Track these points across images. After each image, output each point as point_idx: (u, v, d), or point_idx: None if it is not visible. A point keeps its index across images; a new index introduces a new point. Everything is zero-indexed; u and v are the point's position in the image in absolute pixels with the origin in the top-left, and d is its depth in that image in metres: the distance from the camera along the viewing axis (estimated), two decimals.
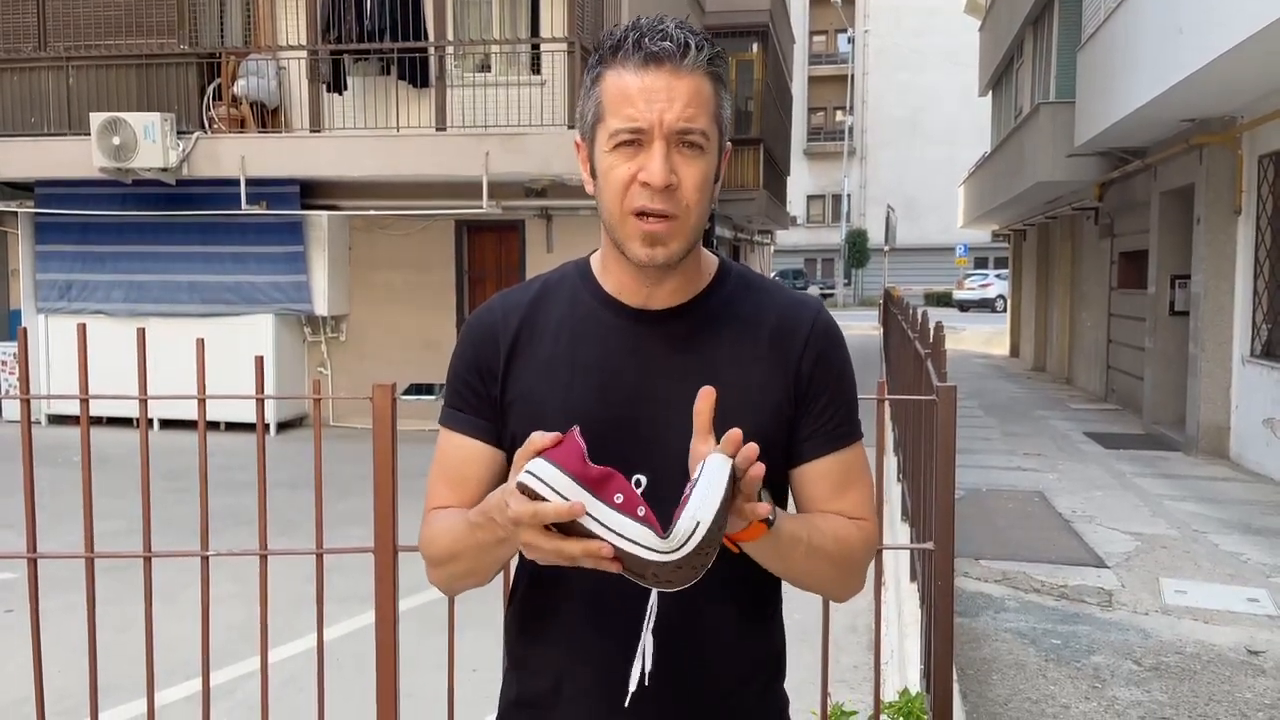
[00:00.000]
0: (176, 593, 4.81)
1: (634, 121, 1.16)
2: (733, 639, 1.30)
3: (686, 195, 1.19)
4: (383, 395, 2.28)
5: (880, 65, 45.14)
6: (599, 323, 1.29)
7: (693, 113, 1.17)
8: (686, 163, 1.18)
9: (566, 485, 1.03)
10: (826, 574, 1.28)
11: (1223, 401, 9.33)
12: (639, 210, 1.18)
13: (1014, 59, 17.34)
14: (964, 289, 38.40)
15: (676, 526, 1.01)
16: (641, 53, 1.16)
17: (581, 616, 1.28)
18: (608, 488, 1.04)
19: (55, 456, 7.97)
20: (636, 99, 1.16)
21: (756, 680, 1.34)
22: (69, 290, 11.47)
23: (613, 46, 1.19)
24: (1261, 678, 4.36)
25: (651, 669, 1.24)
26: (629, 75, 1.17)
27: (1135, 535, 6.66)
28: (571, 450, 1.05)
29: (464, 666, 2.68)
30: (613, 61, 1.19)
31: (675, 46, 1.16)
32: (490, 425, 1.30)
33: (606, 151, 1.19)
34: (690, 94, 1.17)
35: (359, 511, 3.02)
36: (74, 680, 3.44)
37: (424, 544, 1.31)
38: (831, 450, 1.30)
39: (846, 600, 1.38)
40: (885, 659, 4.31)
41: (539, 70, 10.40)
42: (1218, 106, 8.88)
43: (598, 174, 1.22)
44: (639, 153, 1.17)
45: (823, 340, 1.31)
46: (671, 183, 1.17)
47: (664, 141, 1.16)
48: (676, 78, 1.16)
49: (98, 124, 9.98)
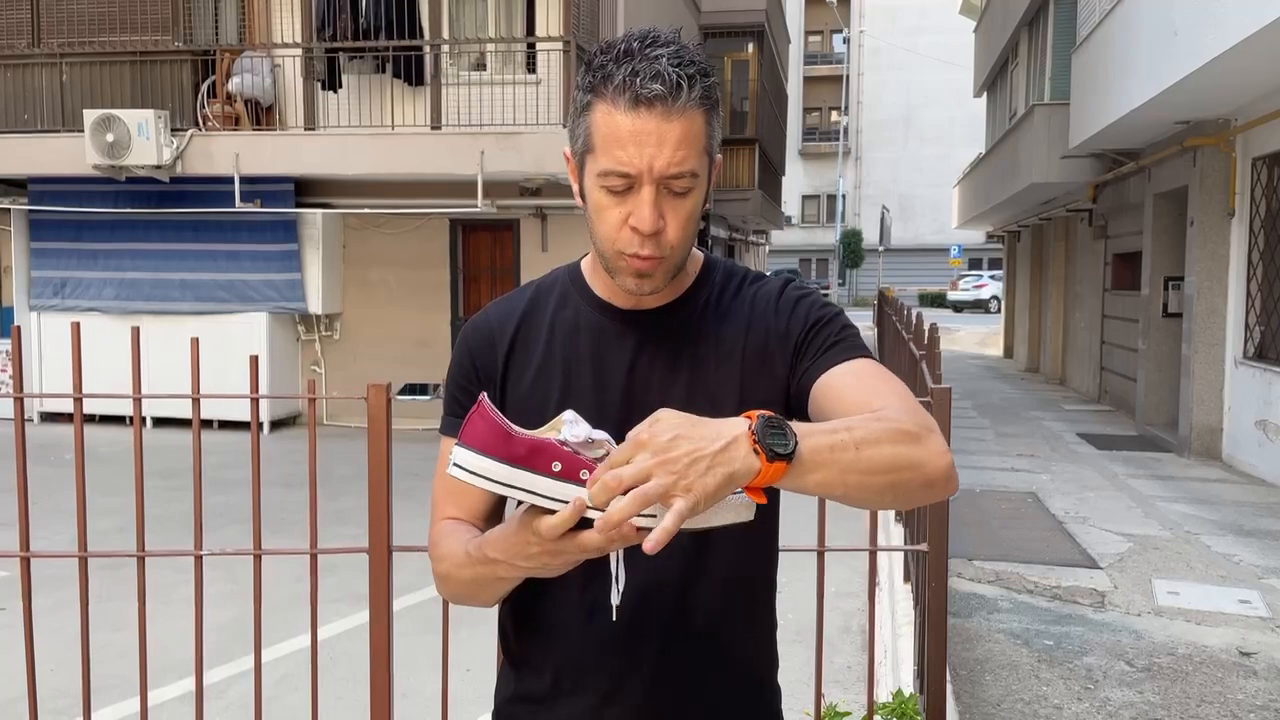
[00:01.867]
0: (170, 591, 4.79)
1: (624, 166, 1.16)
2: (726, 634, 1.32)
3: (671, 237, 1.20)
4: (378, 395, 2.27)
5: (875, 65, 45.19)
6: (592, 325, 1.32)
7: (683, 155, 1.16)
8: (674, 205, 1.19)
9: (495, 469, 1.00)
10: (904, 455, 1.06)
11: (1215, 403, 9.36)
12: (630, 252, 1.21)
13: (1009, 60, 17.37)
14: (958, 290, 38.48)
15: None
16: (632, 93, 1.15)
17: (575, 607, 1.29)
18: (540, 459, 1.00)
19: (47, 455, 7.95)
20: (627, 142, 1.15)
21: (751, 669, 1.36)
22: (63, 287, 11.44)
23: (604, 77, 1.17)
24: (1253, 679, 4.38)
25: (649, 671, 1.26)
26: (619, 115, 1.16)
27: (1128, 536, 6.67)
28: (491, 430, 1.01)
29: (458, 666, 2.68)
30: (604, 94, 1.17)
31: (667, 89, 1.14)
32: None
33: (596, 187, 1.20)
34: (680, 137, 1.16)
35: (352, 510, 3.03)
36: (67, 679, 3.42)
37: (433, 560, 1.30)
38: (842, 360, 1.24)
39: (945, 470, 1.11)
40: (879, 659, 4.32)
41: (534, 69, 10.39)
42: (1212, 109, 8.91)
43: (588, 203, 1.24)
44: (629, 196, 1.18)
45: (793, 297, 1.32)
46: (659, 228, 1.18)
47: (653, 187, 1.17)
48: (667, 121, 1.15)
49: (91, 121, 9.95)
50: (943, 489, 1.12)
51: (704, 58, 1.21)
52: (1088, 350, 14.59)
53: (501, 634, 1.40)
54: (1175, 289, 10.66)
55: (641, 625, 1.26)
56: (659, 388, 1.28)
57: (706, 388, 1.28)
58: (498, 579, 1.17)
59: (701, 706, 1.30)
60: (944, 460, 1.11)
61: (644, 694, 1.28)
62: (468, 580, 1.21)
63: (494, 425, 1.02)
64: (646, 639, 1.27)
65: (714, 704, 1.31)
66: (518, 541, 1.07)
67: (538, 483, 1.00)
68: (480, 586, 1.21)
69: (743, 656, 1.34)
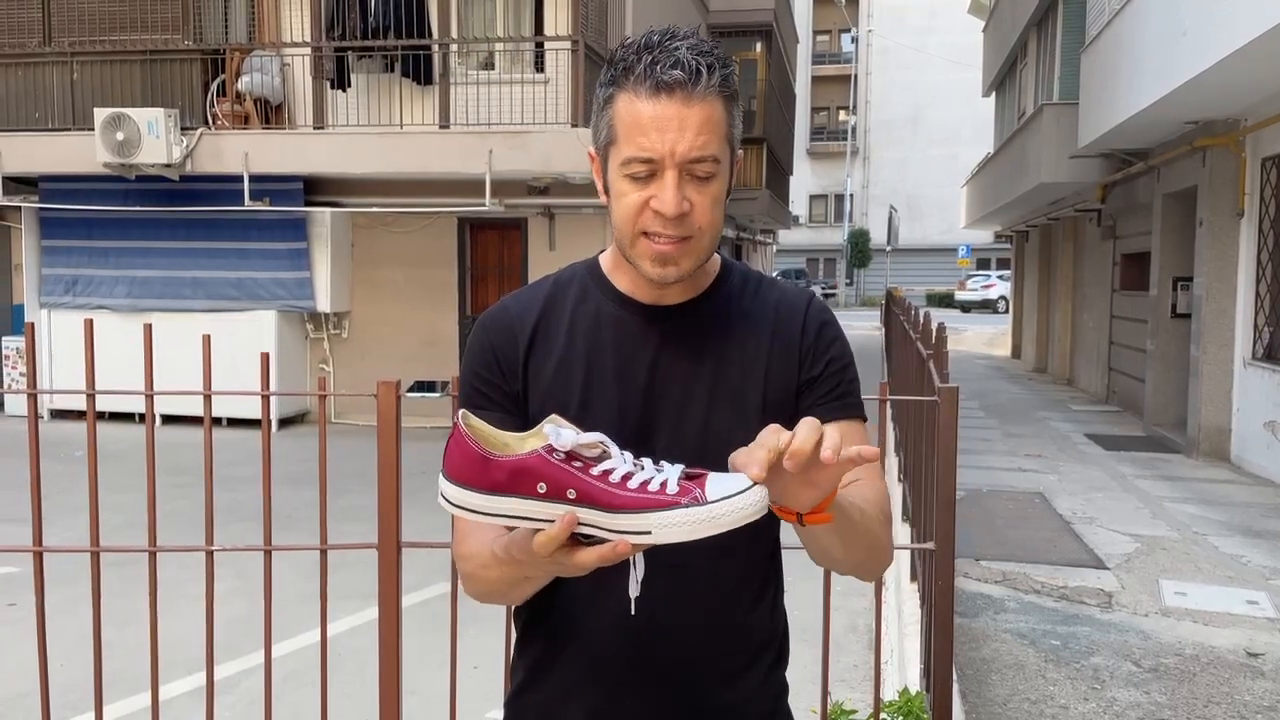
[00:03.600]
0: (178, 589, 4.81)
1: (646, 151, 1.17)
2: (735, 621, 1.32)
3: (700, 218, 1.21)
4: (387, 392, 2.29)
5: (883, 65, 45.11)
6: (613, 319, 1.31)
7: (705, 140, 1.18)
8: (699, 189, 1.20)
9: (474, 500, 0.99)
10: (877, 542, 1.25)
11: (1224, 404, 9.33)
12: (649, 232, 1.21)
13: (1017, 60, 17.33)
14: (966, 290, 38.39)
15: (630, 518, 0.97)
16: (653, 80, 1.16)
17: (585, 600, 1.29)
18: (524, 481, 0.98)
19: (57, 452, 7.98)
20: (649, 128, 1.17)
21: (759, 663, 1.36)
22: (74, 285, 11.50)
23: (625, 68, 1.19)
24: (1261, 680, 4.37)
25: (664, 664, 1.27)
26: (641, 103, 1.18)
27: (1135, 537, 6.66)
28: (466, 457, 0.99)
29: (467, 663, 2.69)
30: (625, 84, 1.19)
31: (687, 75, 1.16)
32: (518, 420, 1.29)
33: (620, 176, 1.21)
34: (701, 122, 1.17)
35: (360, 508, 3.04)
36: (77, 674, 3.45)
37: (458, 559, 1.29)
38: (838, 419, 1.28)
39: (882, 573, 1.39)
40: (885, 658, 4.32)
41: (543, 68, 10.41)
42: (1221, 109, 8.88)
43: (611, 193, 1.25)
44: (652, 181, 1.19)
45: (818, 322, 1.34)
46: (684, 210, 1.19)
47: (676, 171, 1.18)
48: (688, 106, 1.17)
49: (102, 119, 9.99)
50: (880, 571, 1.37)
51: (722, 51, 1.22)
52: (1096, 351, 14.56)
53: (517, 627, 1.40)
54: (1184, 290, 10.63)
55: (656, 618, 1.26)
56: (682, 382, 1.28)
57: (731, 384, 1.28)
58: (526, 579, 1.17)
59: (707, 691, 1.30)
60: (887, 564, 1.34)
61: (659, 687, 1.28)
62: (495, 580, 1.20)
63: (469, 452, 0.99)
64: (661, 632, 1.27)
65: (718, 691, 1.31)
66: (521, 538, 1.07)
67: (522, 506, 0.98)
68: (510, 585, 1.20)
69: (748, 642, 1.34)
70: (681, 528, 0.95)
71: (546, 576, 1.17)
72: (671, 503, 0.97)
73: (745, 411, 1.07)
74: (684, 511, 0.96)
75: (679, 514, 0.96)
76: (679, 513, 0.96)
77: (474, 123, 10.06)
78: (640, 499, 0.98)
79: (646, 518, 0.96)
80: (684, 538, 0.96)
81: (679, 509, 0.96)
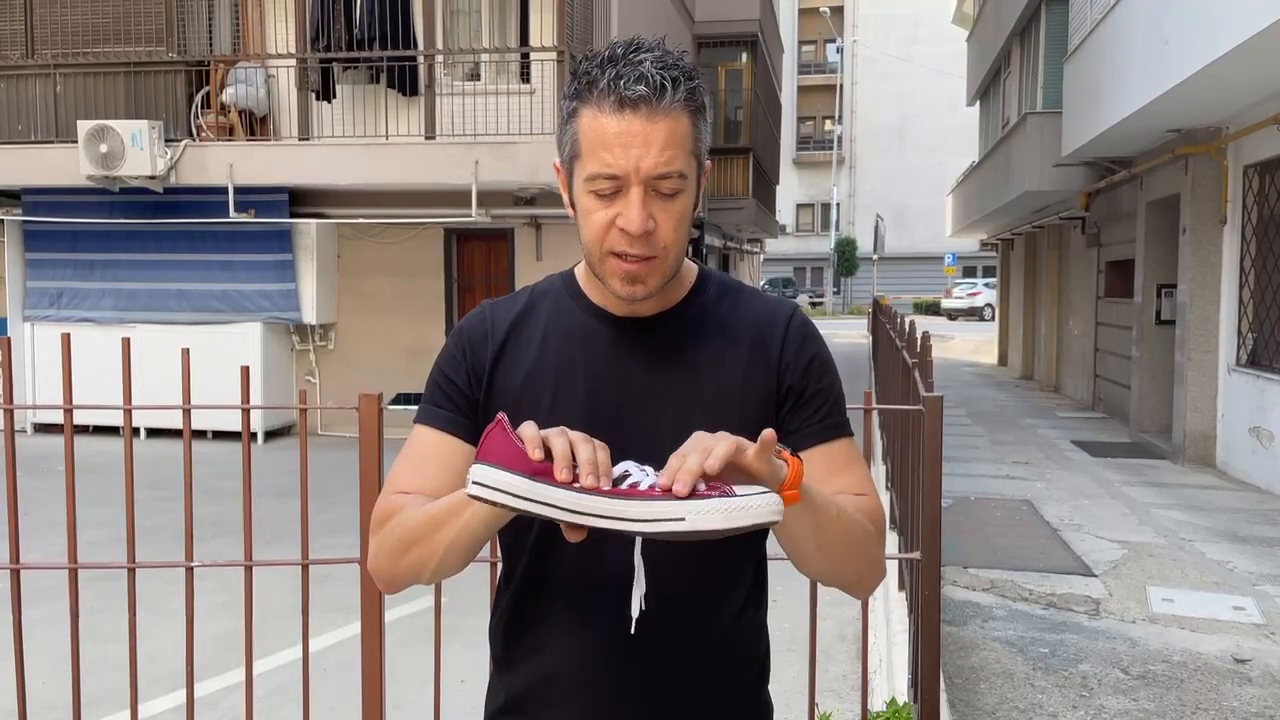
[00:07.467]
0: (163, 603, 4.78)
1: (610, 168, 1.16)
2: (716, 640, 1.30)
3: (664, 237, 1.20)
4: (369, 405, 2.27)
5: (869, 75, 45.35)
6: (586, 331, 1.30)
7: (670, 156, 1.16)
8: (664, 206, 1.19)
9: (517, 483, 1.01)
10: (859, 546, 1.23)
11: (1209, 410, 9.38)
12: (618, 252, 1.20)
13: (1001, 69, 17.43)
14: (952, 297, 38.56)
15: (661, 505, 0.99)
16: (616, 95, 1.15)
17: (567, 619, 1.27)
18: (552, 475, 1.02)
19: (41, 466, 7.92)
20: (613, 144, 1.16)
21: (741, 682, 1.34)
22: (59, 298, 11.44)
23: (589, 82, 1.17)
24: (1248, 686, 4.38)
25: (644, 684, 1.25)
26: (605, 118, 1.16)
27: (1122, 543, 6.68)
28: (510, 448, 1.03)
29: (451, 678, 2.67)
30: (589, 99, 1.17)
31: (651, 90, 1.14)
32: (470, 425, 1.29)
33: (584, 192, 1.20)
34: (666, 137, 1.16)
35: (345, 520, 3.02)
36: (57, 692, 3.41)
37: (379, 530, 1.25)
38: (822, 441, 1.30)
39: (872, 590, 1.35)
40: (873, 668, 4.31)
41: (528, 79, 10.41)
42: (1203, 117, 8.95)
43: (577, 209, 1.24)
44: (617, 198, 1.18)
45: (800, 336, 1.33)
46: (649, 229, 1.18)
47: (640, 188, 1.17)
48: (652, 122, 1.15)
49: (85, 132, 9.95)
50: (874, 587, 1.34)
51: (690, 62, 1.21)
52: (1081, 358, 14.62)
53: (491, 644, 1.38)
54: (1168, 296, 10.68)
55: (639, 637, 1.23)
56: (653, 394, 1.26)
57: (704, 397, 1.27)
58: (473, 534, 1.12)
59: (690, 711, 1.28)
60: (880, 577, 1.31)
61: (640, 707, 1.26)
62: (434, 542, 1.15)
63: (512, 444, 1.03)
64: (643, 651, 1.25)
65: (701, 709, 1.29)
66: None
67: (555, 494, 1.01)
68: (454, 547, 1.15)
69: (731, 661, 1.33)
70: (715, 515, 0.99)
71: (497, 524, 1.13)
72: (703, 495, 1.00)
73: (722, 425, 1.06)
74: (719, 501, 0.99)
75: (714, 503, 0.99)
76: (714, 501, 0.99)
77: (460, 133, 10.06)
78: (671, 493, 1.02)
79: (680, 505, 0.99)
80: (719, 525, 0.99)
81: (713, 499, 1.00)
